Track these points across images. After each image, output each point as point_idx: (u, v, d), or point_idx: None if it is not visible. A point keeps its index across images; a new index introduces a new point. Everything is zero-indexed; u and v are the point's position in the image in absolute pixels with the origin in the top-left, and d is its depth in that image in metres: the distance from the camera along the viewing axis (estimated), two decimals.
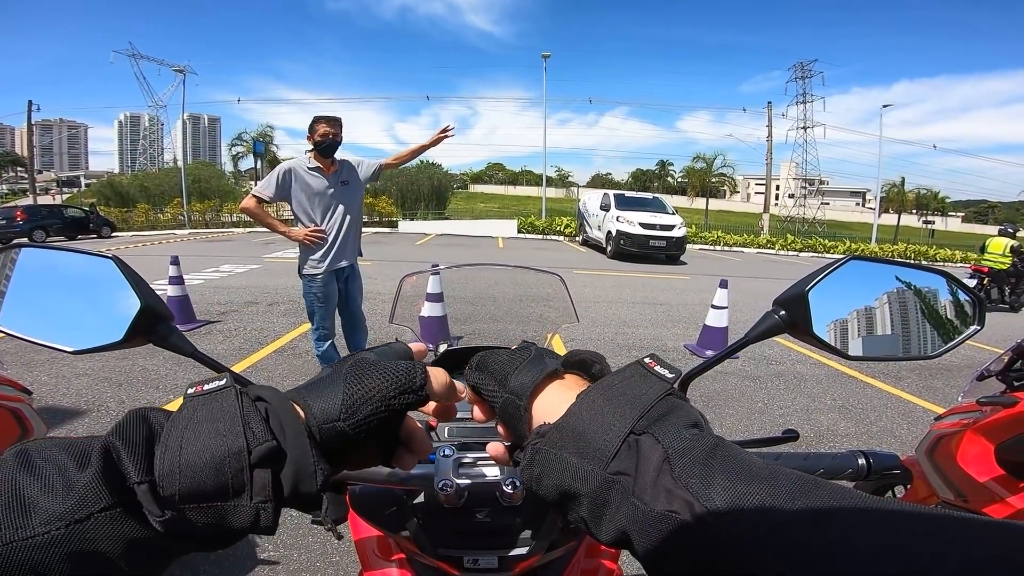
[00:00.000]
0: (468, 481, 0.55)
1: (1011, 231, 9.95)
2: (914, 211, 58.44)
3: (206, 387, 0.34)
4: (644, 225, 13.56)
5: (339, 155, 3.30)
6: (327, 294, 3.27)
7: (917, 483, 1.88)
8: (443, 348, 0.84)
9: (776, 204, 47.91)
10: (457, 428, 0.76)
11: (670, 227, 13.80)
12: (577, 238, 19.62)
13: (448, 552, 0.61)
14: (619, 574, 0.78)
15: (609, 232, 14.26)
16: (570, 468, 0.32)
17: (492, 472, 0.56)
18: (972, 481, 1.58)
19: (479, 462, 0.57)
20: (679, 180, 72.65)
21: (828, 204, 54.29)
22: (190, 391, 0.34)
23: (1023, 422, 1.51)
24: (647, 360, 0.37)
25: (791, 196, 50.85)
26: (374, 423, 0.36)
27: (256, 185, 3.24)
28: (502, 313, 1.40)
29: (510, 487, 0.53)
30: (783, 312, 0.52)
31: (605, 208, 15.07)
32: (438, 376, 0.40)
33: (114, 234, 20.09)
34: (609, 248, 14.23)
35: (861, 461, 0.54)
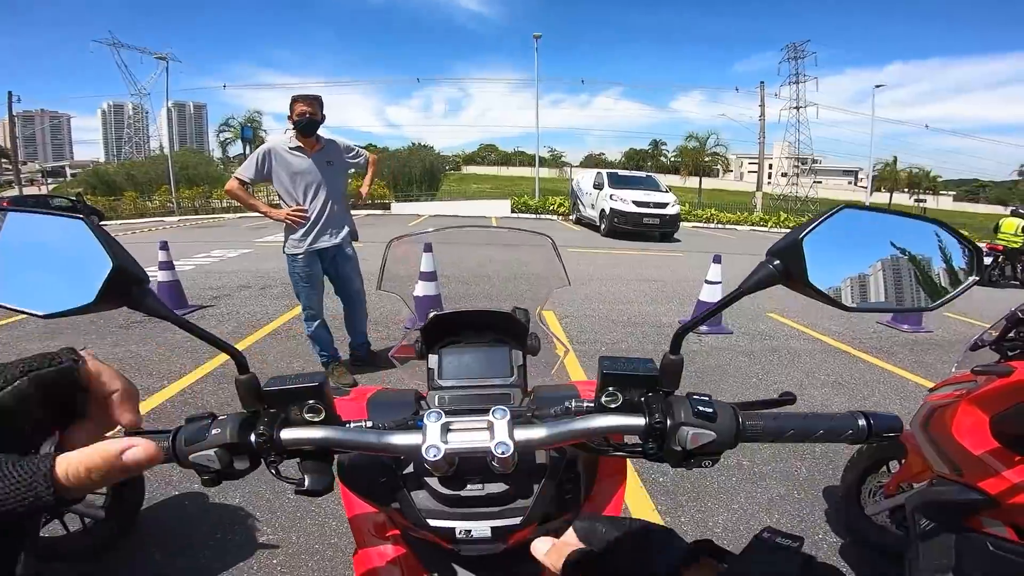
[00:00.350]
0: (457, 446, 0.52)
1: (1023, 212, 10.61)
2: (906, 190, 58.54)
3: None
4: (638, 203, 13.51)
5: (334, 138, 3.31)
6: (310, 274, 3.27)
7: (912, 458, 1.84)
8: (432, 315, 0.82)
9: (769, 183, 47.93)
10: (448, 396, 0.75)
11: (663, 205, 13.77)
12: (571, 217, 19.56)
13: (438, 524, 0.59)
14: None
15: (603, 210, 14.22)
16: None
17: (482, 437, 0.53)
18: (967, 454, 1.53)
19: (469, 427, 0.54)
20: (672, 159, 72.26)
21: (820, 183, 54.34)
22: None
23: (1019, 392, 1.46)
24: (765, 535, 0.38)
25: (784, 175, 50.76)
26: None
27: (240, 167, 3.24)
28: (496, 292, 1.39)
29: (501, 452, 0.51)
30: (777, 262, 0.50)
31: (598, 187, 15.00)
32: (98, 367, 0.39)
33: (102, 223, 19.82)
34: (603, 226, 14.20)
35: (861, 422, 0.51)
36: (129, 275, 0.48)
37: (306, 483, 0.53)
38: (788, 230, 0.52)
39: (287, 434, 0.52)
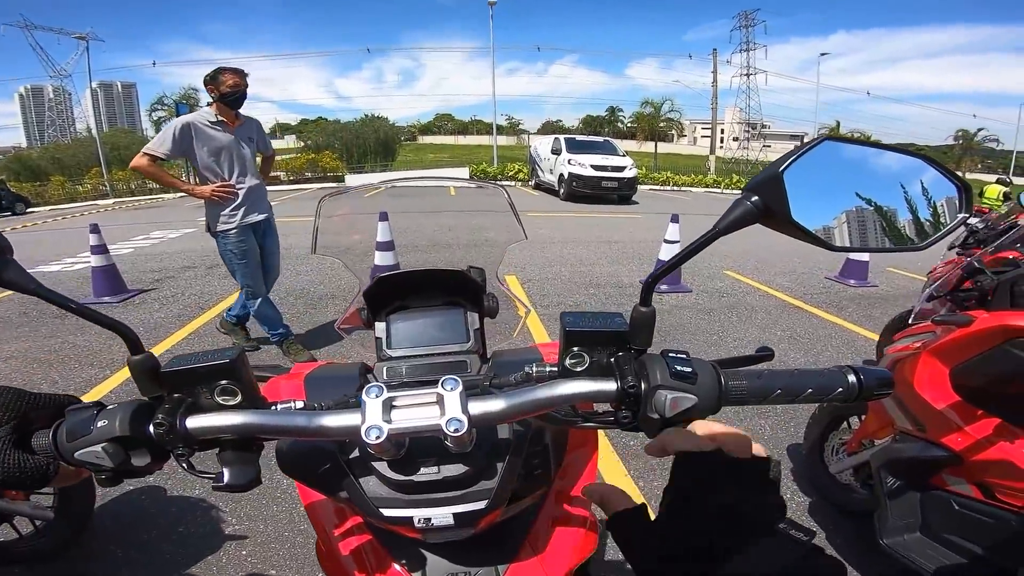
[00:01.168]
0: (402, 425, 0.44)
1: (1007, 180, 11.84)
2: None
3: None
4: (596, 167, 13.57)
5: (253, 116, 3.25)
6: (245, 249, 3.15)
7: (872, 414, 1.75)
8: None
9: (721, 147, 48.95)
10: (398, 367, 0.67)
11: (621, 168, 13.90)
12: (530, 182, 19.45)
13: (393, 513, 0.52)
14: (593, 520, 0.73)
15: (561, 175, 14.20)
16: None
17: (431, 413, 0.45)
18: (929, 408, 1.48)
19: (415, 402, 0.46)
20: (629, 125, 72.61)
21: (770, 147, 55.75)
22: None
23: (978, 342, 1.41)
24: (781, 527, 0.36)
25: (735, 139, 51.91)
26: None
27: (150, 142, 3.01)
28: (457, 260, 1.33)
29: (454, 430, 0.44)
30: (756, 198, 0.44)
31: (556, 152, 14.94)
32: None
33: (29, 210, 18.41)
34: (562, 190, 14.20)
35: (852, 378, 0.45)
36: None
37: (225, 477, 0.46)
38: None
39: (195, 422, 0.45)
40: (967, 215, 0.49)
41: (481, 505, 0.53)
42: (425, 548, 0.62)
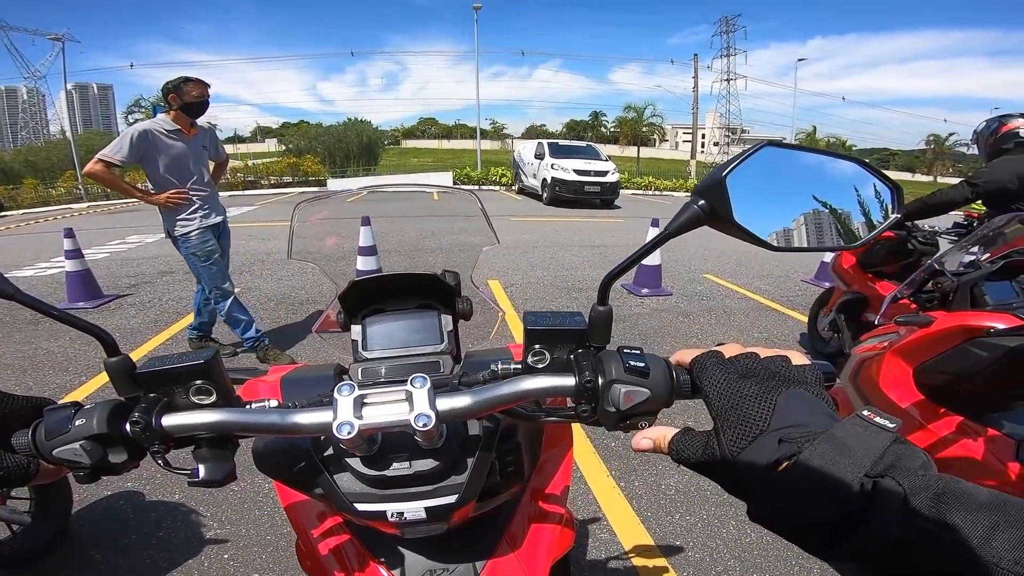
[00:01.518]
0: (372, 422, 0.47)
1: None
2: None
3: None
4: (578, 172, 13.64)
5: (208, 125, 3.40)
6: (208, 250, 3.16)
7: (842, 412, 1.88)
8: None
9: (702, 151, 49.83)
10: (372, 368, 0.69)
11: (603, 173, 13.99)
12: (513, 187, 19.48)
13: (367, 507, 0.54)
14: (569, 516, 0.75)
15: (544, 179, 14.24)
16: (802, 507, 0.35)
17: (400, 410, 0.47)
18: (895, 407, 1.53)
19: (385, 399, 0.48)
20: (611, 130, 73.16)
21: None
22: None
23: (939, 342, 1.47)
24: (866, 413, 0.38)
25: (716, 144, 52.72)
26: None
27: (105, 148, 2.98)
28: (438, 264, 1.35)
29: (422, 425, 0.46)
30: (702, 202, 0.48)
31: (540, 157, 14.98)
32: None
33: (1, 214, 17.87)
34: (545, 195, 14.24)
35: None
36: None
37: (200, 473, 0.48)
38: None
39: (170, 420, 0.47)
40: (898, 215, 0.53)
41: (452, 499, 0.55)
42: (403, 545, 0.63)
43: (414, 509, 0.54)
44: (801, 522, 0.35)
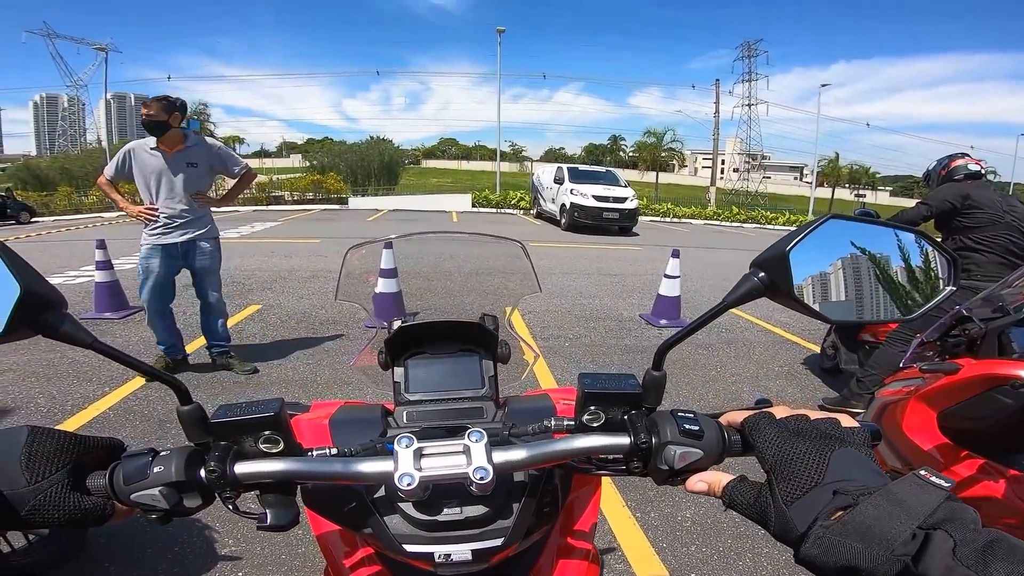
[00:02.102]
0: (432, 473, 0.49)
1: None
2: (847, 185, 61.55)
3: None
4: (597, 197, 13.69)
5: (215, 142, 3.52)
6: (147, 267, 3.34)
7: None
8: (397, 325, 0.78)
9: (722, 178, 49.65)
10: (417, 412, 0.71)
11: (622, 199, 14.01)
12: (531, 211, 19.63)
13: (415, 549, 0.56)
14: (595, 552, 0.75)
15: (563, 205, 14.33)
16: (854, 552, 0.36)
17: (458, 462, 0.50)
18: (917, 449, 1.57)
19: (444, 450, 0.51)
20: (630, 154, 73.81)
21: (769, 178, 56.71)
22: None
23: (964, 389, 1.50)
24: (923, 472, 0.39)
25: (736, 170, 52.68)
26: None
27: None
28: (458, 287, 1.36)
29: (480, 478, 0.48)
30: (762, 274, 0.49)
31: (559, 181, 15.10)
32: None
33: (34, 219, 18.47)
34: (563, 220, 14.32)
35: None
36: (41, 300, 0.44)
37: (268, 518, 0.50)
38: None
39: (243, 468, 0.49)
40: (954, 288, 0.53)
41: (498, 542, 0.57)
42: None
43: (461, 551, 0.56)
44: (851, 566, 0.36)
